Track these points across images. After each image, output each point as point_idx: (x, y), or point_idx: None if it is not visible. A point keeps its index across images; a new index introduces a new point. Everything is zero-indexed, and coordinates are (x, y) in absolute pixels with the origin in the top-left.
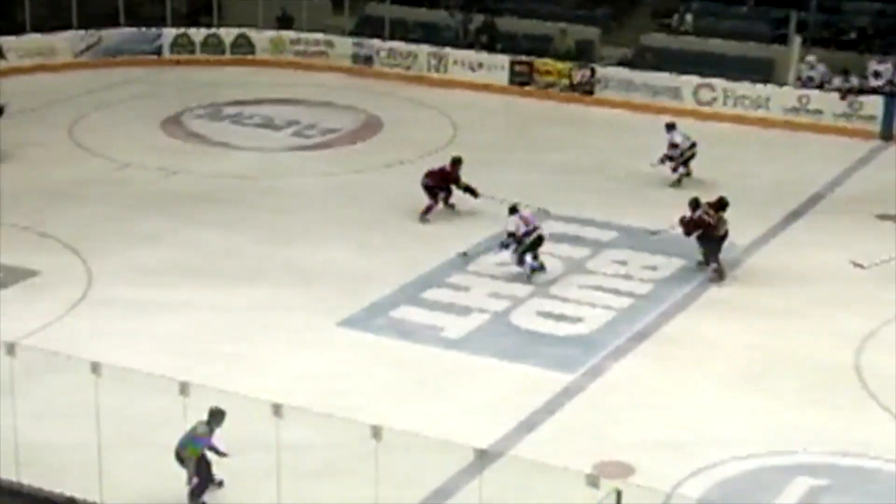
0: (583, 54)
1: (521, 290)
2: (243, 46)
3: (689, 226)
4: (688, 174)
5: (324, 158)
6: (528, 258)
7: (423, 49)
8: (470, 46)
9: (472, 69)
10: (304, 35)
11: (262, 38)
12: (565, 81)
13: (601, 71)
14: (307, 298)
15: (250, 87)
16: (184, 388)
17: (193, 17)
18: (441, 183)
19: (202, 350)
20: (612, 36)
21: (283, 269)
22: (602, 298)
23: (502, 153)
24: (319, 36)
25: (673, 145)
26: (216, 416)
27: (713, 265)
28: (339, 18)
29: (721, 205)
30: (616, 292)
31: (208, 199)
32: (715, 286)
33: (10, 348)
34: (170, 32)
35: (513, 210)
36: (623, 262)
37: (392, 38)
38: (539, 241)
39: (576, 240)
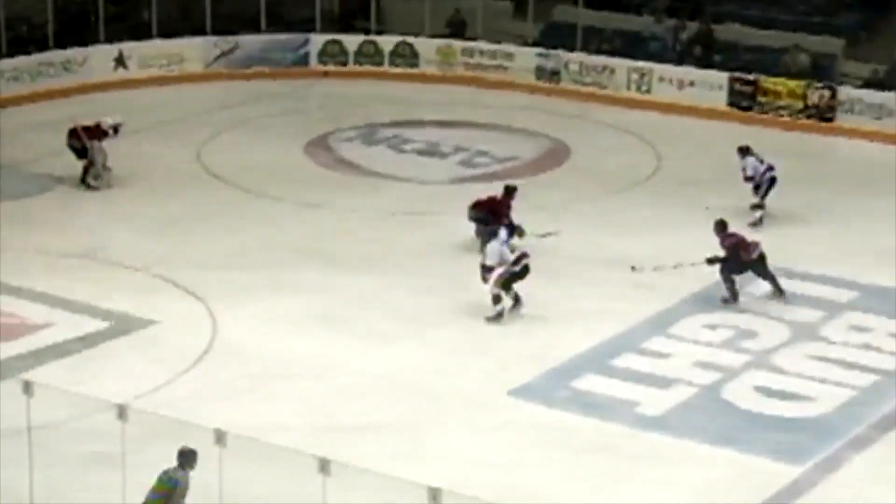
0: (821, 71)
1: (735, 359)
2: (405, 56)
3: (730, 251)
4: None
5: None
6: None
7: (623, 63)
8: (681, 60)
9: (683, 88)
10: (478, 44)
11: (428, 46)
12: (798, 105)
13: (844, 92)
14: (472, 360)
15: (412, 105)
16: (324, 466)
17: (347, 20)
18: (490, 214)
19: (345, 418)
20: (858, 49)
21: (444, 324)
22: (838, 374)
23: (716, 190)
24: (497, 46)
25: (748, 177)
26: (188, 457)
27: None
28: (521, 24)
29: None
30: (856, 367)
31: (355, 237)
32: None
33: (122, 411)
34: (318, 39)
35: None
36: (865, 329)
37: (584, 48)
38: (525, 271)
39: (805, 300)
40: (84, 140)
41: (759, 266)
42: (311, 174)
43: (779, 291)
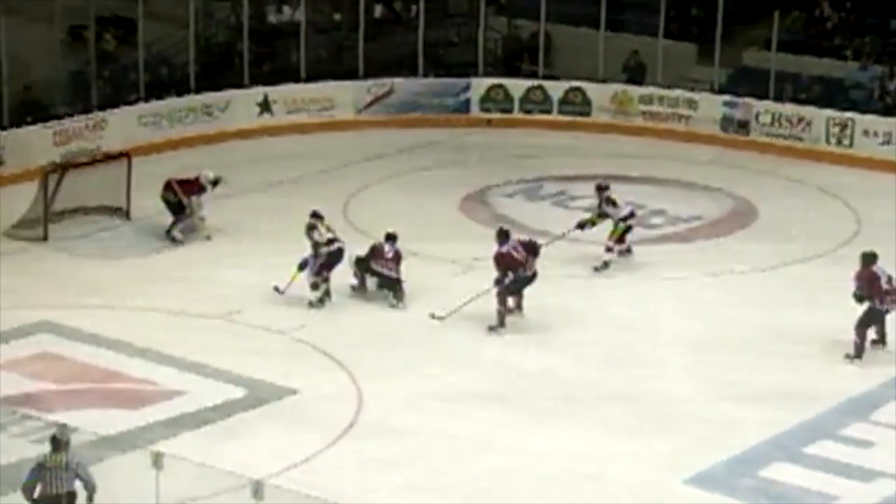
0: None
1: None
2: (576, 104)
3: (498, 263)
4: (627, 250)
5: (673, 255)
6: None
7: (821, 113)
8: (888, 111)
9: (890, 142)
10: (658, 91)
11: (601, 93)
12: None
13: None
14: (644, 443)
15: (581, 157)
16: None
17: (512, 63)
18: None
19: None
20: None
21: (613, 401)
22: None
23: None
24: (679, 92)
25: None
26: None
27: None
28: (706, 69)
29: (533, 248)
30: None
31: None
32: None
33: (258, 488)
34: (481, 83)
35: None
36: None
37: (778, 97)
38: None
39: None
40: (180, 195)
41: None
42: (466, 232)
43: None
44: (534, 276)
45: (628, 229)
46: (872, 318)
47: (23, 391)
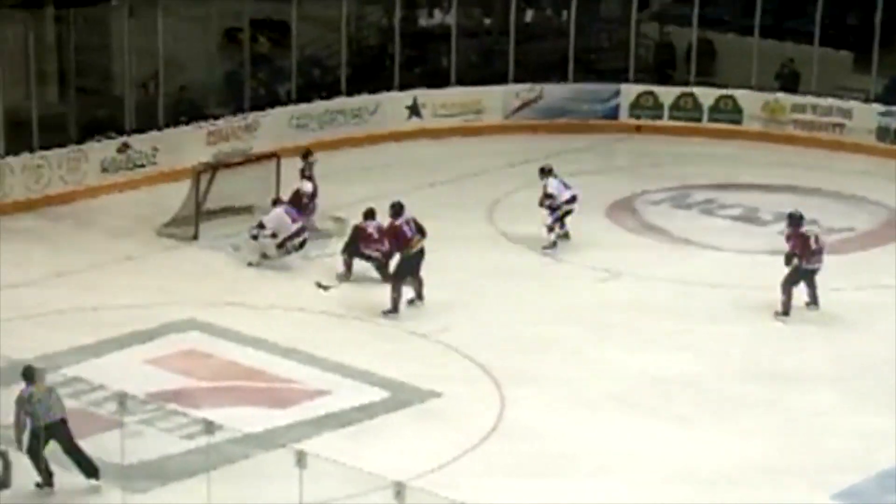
0: None
1: None
2: (727, 111)
3: (389, 235)
4: (565, 235)
5: (824, 266)
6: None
7: None
8: None
9: None
10: (811, 99)
11: (753, 101)
12: None
13: None
14: (791, 457)
15: (732, 165)
16: None
17: (664, 69)
18: None
19: None
20: None
21: (756, 413)
22: None
23: None
24: (833, 101)
25: (547, 195)
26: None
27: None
28: (862, 78)
29: (421, 229)
30: None
31: (659, 311)
32: None
33: (400, 490)
34: (631, 90)
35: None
36: None
37: None
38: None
39: None
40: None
41: None
42: (614, 239)
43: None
44: (420, 252)
45: (568, 213)
46: (799, 277)
47: (171, 387)
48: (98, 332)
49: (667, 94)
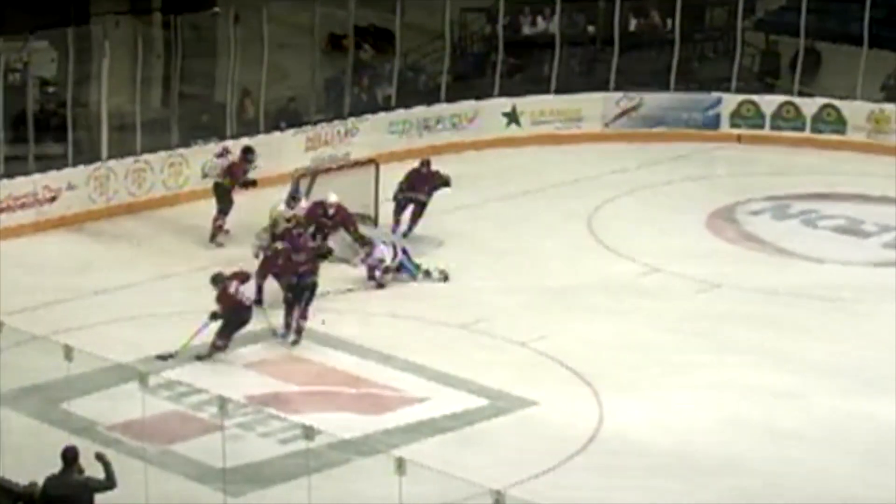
0: None
1: None
2: (830, 122)
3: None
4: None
5: None
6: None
7: None
8: None
9: None
10: None
11: (858, 111)
12: None
13: None
14: (889, 468)
15: (834, 176)
16: None
17: (767, 78)
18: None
19: None
20: None
21: (863, 430)
22: None
23: None
24: None
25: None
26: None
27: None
28: None
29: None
30: None
31: (760, 324)
32: None
33: (499, 498)
34: (732, 99)
35: None
36: None
37: None
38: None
39: None
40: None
41: None
42: (712, 249)
43: None
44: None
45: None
46: None
47: (269, 391)
48: (199, 335)
49: (769, 103)
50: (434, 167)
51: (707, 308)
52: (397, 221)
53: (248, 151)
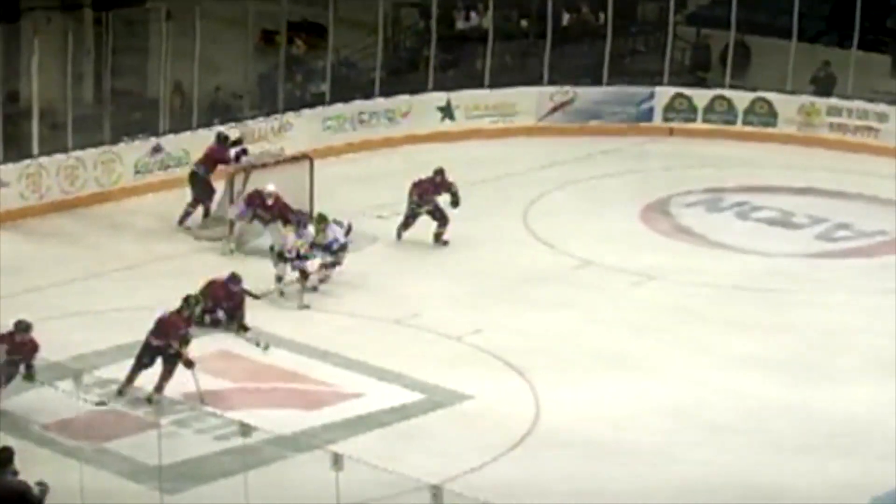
0: None
1: None
2: (761, 115)
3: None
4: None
5: (859, 270)
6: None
7: None
8: None
9: None
10: (847, 103)
11: (788, 104)
12: None
13: None
14: (830, 461)
15: (766, 169)
16: None
17: (698, 71)
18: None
19: None
20: None
21: (796, 418)
22: None
23: None
24: (869, 105)
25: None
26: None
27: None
28: None
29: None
30: None
31: (693, 315)
32: None
33: (437, 493)
34: (665, 92)
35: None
36: None
37: None
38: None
39: None
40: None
41: None
42: (647, 242)
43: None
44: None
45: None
46: None
47: (205, 388)
48: (134, 333)
49: (701, 96)
50: (449, 177)
51: (641, 301)
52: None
53: (221, 136)
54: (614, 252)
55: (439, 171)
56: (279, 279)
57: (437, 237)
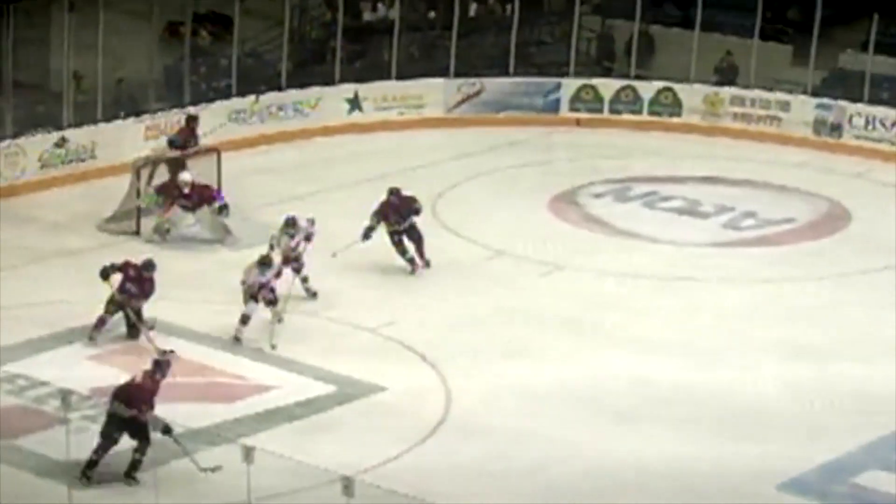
0: None
1: None
2: (667, 104)
3: None
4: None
5: (763, 258)
6: None
7: None
8: None
9: None
10: (750, 93)
11: (692, 94)
12: None
13: None
14: (736, 448)
15: (672, 158)
16: None
17: (605, 63)
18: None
19: None
20: None
21: (702, 405)
22: None
23: None
24: (772, 94)
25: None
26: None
27: None
28: (800, 71)
29: None
30: None
31: (602, 304)
32: None
33: (348, 484)
34: (571, 83)
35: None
36: None
37: (874, 100)
38: None
39: None
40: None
41: None
42: (555, 232)
43: None
44: None
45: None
46: None
47: (114, 383)
48: (40, 328)
49: (607, 87)
50: (406, 193)
51: (551, 290)
52: (410, 258)
53: (191, 119)
54: (523, 242)
55: (394, 192)
56: (245, 321)
57: (422, 257)
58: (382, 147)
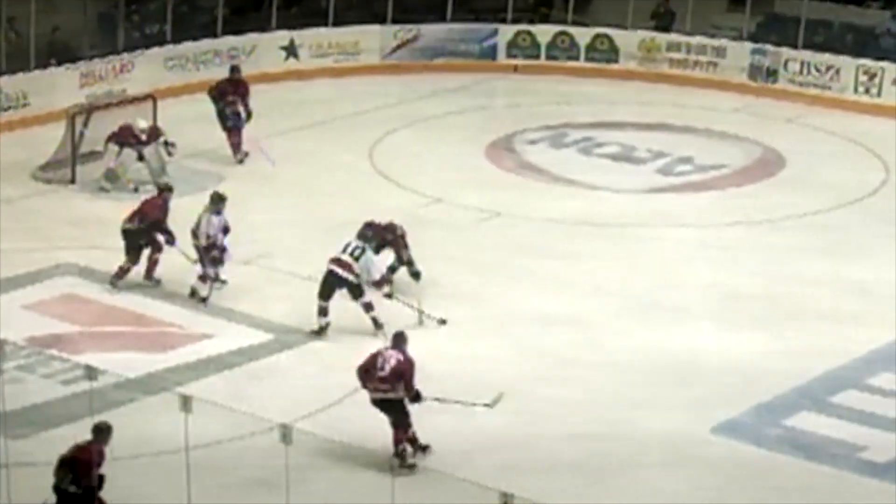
0: None
1: None
2: (603, 51)
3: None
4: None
5: (698, 204)
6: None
7: (850, 62)
8: None
9: None
10: (686, 38)
11: (629, 40)
12: None
13: None
14: (671, 392)
15: (608, 105)
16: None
17: (541, 8)
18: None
19: (529, 454)
20: None
21: (638, 350)
22: None
23: None
24: (707, 40)
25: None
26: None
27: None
28: (736, 17)
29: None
30: None
31: (538, 251)
32: None
33: (286, 432)
34: (508, 29)
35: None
36: None
37: (808, 45)
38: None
39: None
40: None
41: None
42: (492, 178)
43: None
44: None
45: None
46: None
47: (50, 332)
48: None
49: (543, 33)
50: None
51: (488, 237)
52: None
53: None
54: (461, 189)
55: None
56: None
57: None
58: (319, 95)
